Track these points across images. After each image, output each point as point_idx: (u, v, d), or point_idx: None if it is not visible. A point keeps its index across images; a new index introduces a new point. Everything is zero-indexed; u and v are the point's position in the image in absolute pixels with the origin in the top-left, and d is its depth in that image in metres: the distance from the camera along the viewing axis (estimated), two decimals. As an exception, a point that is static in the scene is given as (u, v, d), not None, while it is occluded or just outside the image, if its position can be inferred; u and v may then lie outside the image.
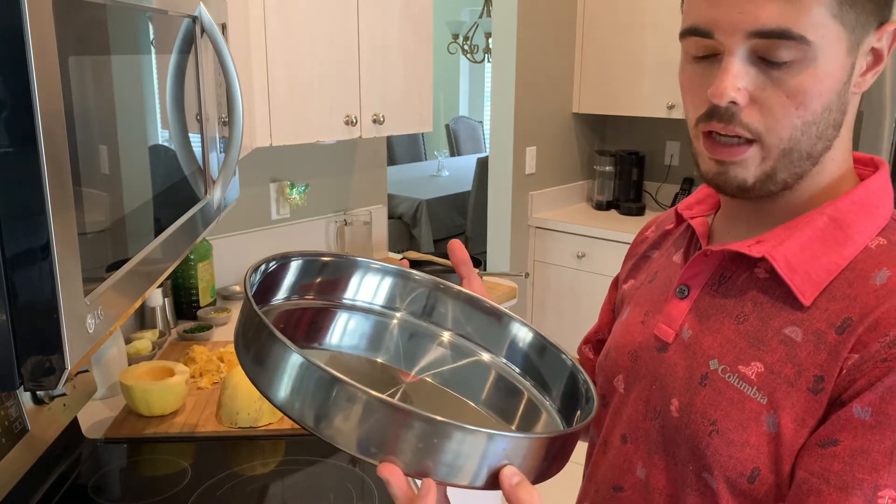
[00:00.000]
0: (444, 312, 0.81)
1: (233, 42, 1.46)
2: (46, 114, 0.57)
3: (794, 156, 0.65)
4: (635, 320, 0.81)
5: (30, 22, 0.54)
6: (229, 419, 1.38)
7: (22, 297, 0.58)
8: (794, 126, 0.64)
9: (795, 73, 0.62)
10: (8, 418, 1.07)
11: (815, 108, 0.63)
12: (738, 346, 0.68)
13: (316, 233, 2.40)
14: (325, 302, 0.78)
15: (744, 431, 0.66)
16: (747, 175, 0.66)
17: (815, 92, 0.62)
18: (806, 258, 0.66)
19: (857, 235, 0.66)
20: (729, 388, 0.68)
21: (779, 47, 0.61)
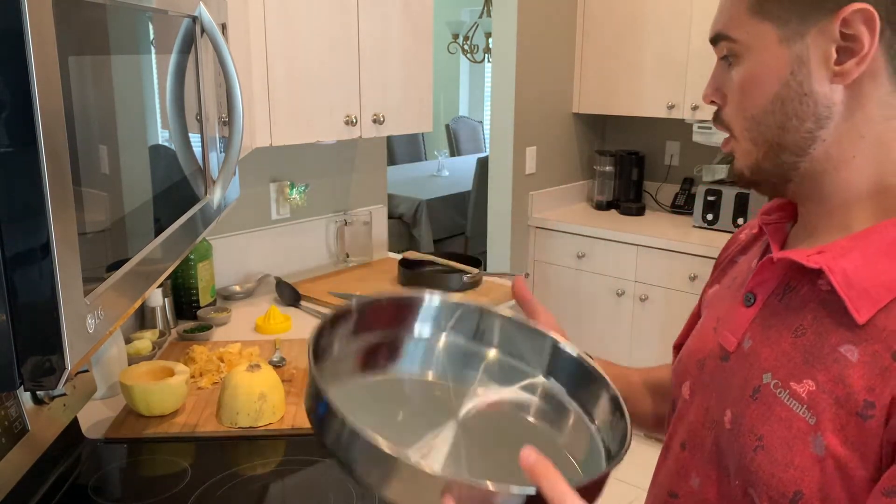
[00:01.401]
0: (491, 334, 0.85)
1: (233, 42, 1.46)
2: (46, 114, 0.57)
3: (765, 146, 0.69)
4: (708, 326, 0.79)
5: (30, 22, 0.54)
6: (229, 419, 1.38)
7: (22, 297, 0.58)
8: (746, 117, 0.69)
9: (738, 70, 0.69)
10: (8, 418, 1.07)
11: (760, 100, 0.67)
12: (792, 361, 0.66)
13: (316, 233, 2.40)
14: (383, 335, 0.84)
15: (789, 451, 0.64)
16: (742, 167, 0.72)
17: (753, 83, 0.67)
18: (868, 273, 0.62)
19: None
20: (778, 404, 0.65)
21: (723, 49, 0.70)
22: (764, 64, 0.66)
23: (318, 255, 2.42)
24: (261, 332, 1.89)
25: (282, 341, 1.80)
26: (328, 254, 2.45)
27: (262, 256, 2.25)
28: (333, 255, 2.47)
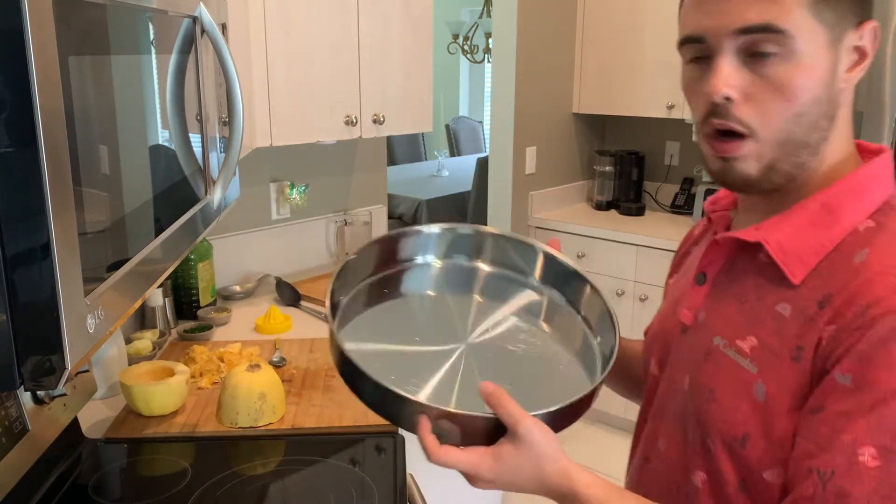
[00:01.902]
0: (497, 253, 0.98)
1: (233, 42, 1.46)
2: (46, 113, 0.57)
3: (790, 146, 0.70)
4: (668, 311, 0.89)
5: (30, 22, 0.55)
6: (229, 419, 1.38)
7: (22, 297, 0.58)
8: (786, 118, 0.69)
9: (781, 67, 0.68)
10: (8, 418, 1.07)
11: (803, 99, 0.68)
12: (737, 323, 0.75)
13: (316, 233, 2.40)
14: (397, 267, 0.96)
15: (736, 399, 0.72)
16: (750, 169, 0.71)
17: (800, 83, 0.68)
18: (798, 241, 0.71)
19: (844, 219, 0.71)
20: (727, 361, 0.74)
21: (764, 41, 0.67)
22: (814, 63, 0.68)
23: (318, 255, 2.43)
24: (261, 332, 1.89)
25: (282, 341, 1.80)
26: (328, 254, 2.45)
27: (262, 256, 2.26)
28: (333, 255, 2.47)
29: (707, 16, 0.69)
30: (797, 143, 0.70)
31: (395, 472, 1.27)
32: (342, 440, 1.36)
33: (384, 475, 1.25)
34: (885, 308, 0.63)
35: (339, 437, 1.37)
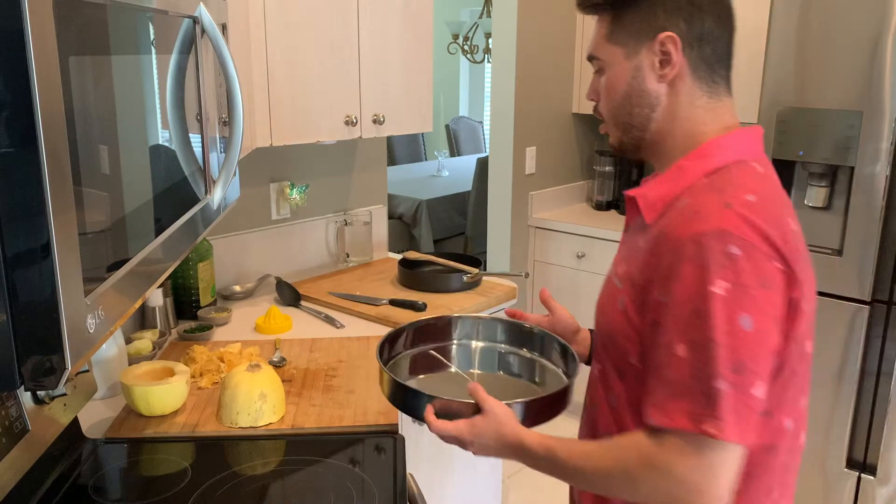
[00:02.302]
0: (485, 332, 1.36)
1: (233, 42, 1.46)
2: (47, 114, 0.57)
3: (621, 126, 1.03)
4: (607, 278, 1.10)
5: (30, 22, 0.55)
6: (229, 419, 1.38)
7: (22, 297, 0.58)
8: (610, 108, 1.03)
9: (603, 78, 1.03)
10: (8, 418, 1.07)
11: (616, 97, 1.01)
12: (621, 260, 1.02)
13: (316, 233, 2.40)
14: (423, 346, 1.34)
15: (609, 308, 1.00)
16: (613, 142, 1.06)
17: (612, 88, 1.01)
18: (654, 192, 0.97)
19: (688, 176, 0.95)
20: (610, 284, 1.02)
21: (595, 63, 1.04)
22: (618, 75, 1.00)
23: (318, 255, 2.43)
24: (261, 332, 1.89)
25: (282, 341, 1.80)
26: (328, 254, 2.45)
27: (262, 256, 2.26)
28: (333, 255, 2.47)
29: None
30: (623, 123, 1.02)
31: (395, 472, 1.27)
32: (342, 440, 1.36)
33: (384, 475, 1.25)
34: (675, 238, 0.87)
35: (339, 437, 1.37)
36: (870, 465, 2.41)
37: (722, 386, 0.82)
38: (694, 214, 0.87)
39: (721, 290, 0.82)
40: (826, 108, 2.32)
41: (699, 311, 0.83)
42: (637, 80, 0.98)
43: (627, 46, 0.98)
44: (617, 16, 0.99)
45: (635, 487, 0.88)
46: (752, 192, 0.89)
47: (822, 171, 2.43)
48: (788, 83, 2.39)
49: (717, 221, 0.84)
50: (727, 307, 0.82)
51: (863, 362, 2.36)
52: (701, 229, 0.85)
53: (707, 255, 0.83)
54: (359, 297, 2.10)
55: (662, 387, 0.85)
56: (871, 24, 2.19)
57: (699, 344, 0.83)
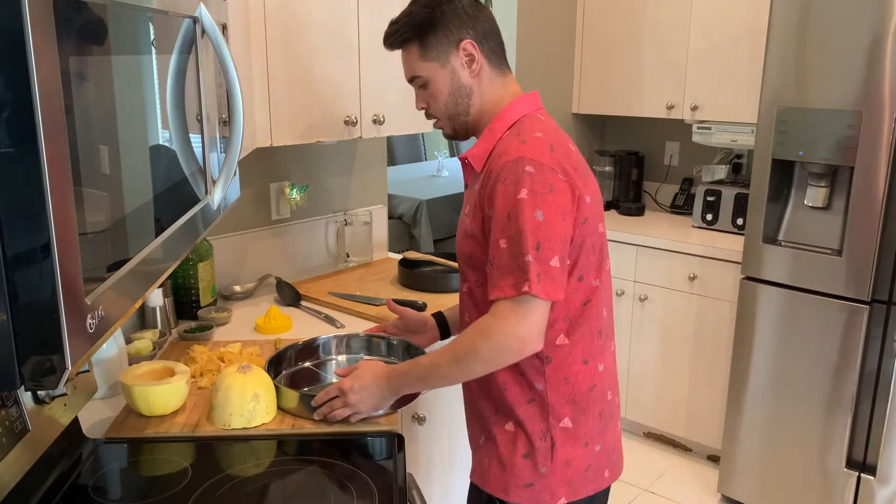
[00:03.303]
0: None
1: (233, 42, 1.46)
2: (47, 114, 0.57)
3: (451, 117, 1.37)
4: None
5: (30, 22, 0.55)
6: (222, 421, 1.37)
7: (23, 297, 0.58)
8: (439, 107, 1.36)
9: (429, 89, 1.35)
10: (9, 418, 1.08)
11: (443, 98, 1.34)
12: (466, 203, 1.35)
13: (316, 233, 2.40)
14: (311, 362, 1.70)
15: (466, 239, 1.32)
16: (447, 132, 1.40)
17: (437, 95, 1.35)
18: (477, 150, 1.32)
19: (496, 133, 1.31)
20: (462, 223, 1.34)
21: (417, 82, 1.37)
22: (440, 81, 1.33)
23: (318, 255, 2.43)
24: (261, 332, 1.89)
25: (282, 341, 1.80)
26: (328, 254, 2.45)
27: (262, 256, 2.26)
28: (333, 255, 2.47)
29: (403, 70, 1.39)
30: (452, 114, 1.36)
31: (395, 472, 1.27)
32: (342, 440, 1.36)
33: (384, 475, 1.25)
34: (493, 170, 1.24)
35: (339, 437, 1.37)
36: (869, 464, 2.41)
37: (529, 259, 1.17)
38: (503, 153, 1.24)
39: (523, 195, 1.18)
40: (826, 107, 2.32)
41: (511, 214, 1.19)
42: (455, 80, 1.33)
43: (439, 59, 1.32)
44: (422, 42, 1.32)
45: (478, 357, 1.21)
46: (539, 130, 1.27)
47: (822, 171, 2.43)
48: (788, 83, 2.39)
49: (516, 153, 1.22)
50: (528, 207, 1.18)
51: (862, 362, 2.37)
52: (507, 160, 1.22)
53: (512, 175, 1.20)
54: (359, 297, 2.10)
55: (494, 271, 1.21)
56: (871, 25, 2.19)
57: (513, 236, 1.18)
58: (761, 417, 2.62)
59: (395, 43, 1.34)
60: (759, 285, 2.56)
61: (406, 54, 1.34)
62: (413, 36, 1.31)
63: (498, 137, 1.30)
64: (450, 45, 1.30)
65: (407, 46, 1.33)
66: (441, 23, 1.30)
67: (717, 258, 2.83)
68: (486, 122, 1.34)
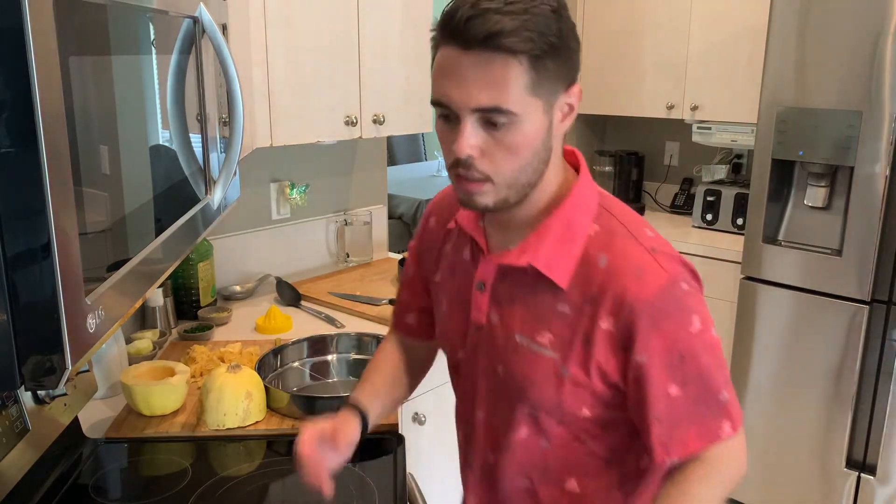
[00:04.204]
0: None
1: (233, 42, 1.46)
2: (47, 114, 0.57)
3: (517, 186, 0.90)
4: (456, 310, 1.06)
5: (30, 22, 0.55)
6: (216, 421, 1.37)
7: (23, 297, 0.58)
8: (513, 169, 0.88)
9: (509, 134, 0.86)
10: (9, 418, 1.08)
11: (527, 156, 0.88)
12: (531, 324, 0.96)
13: (316, 233, 2.40)
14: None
15: (548, 381, 0.94)
16: (487, 201, 0.91)
17: (524, 145, 0.87)
18: (556, 257, 0.93)
19: (579, 229, 0.94)
20: (533, 353, 0.96)
21: (495, 116, 0.84)
22: (534, 129, 0.87)
23: (319, 255, 2.43)
24: (261, 332, 1.89)
25: (282, 341, 1.80)
26: (328, 254, 2.45)
27: (262, 256, 2.25)
28: (333, 255, 2.47)
29: (451, 90, 0.85)
30: (522, 184, 0.90)
31: (395, 472, 1.27)
32: (342, 440, 1.36)
33: (384, 475, 1.25)
34: (640, 301, 0.88)
35: (339, 436, 1.37)
36: (869, 464, 2.41)
37: (726, 397, 0.93)
38: (638, 272, 0.89)
39: (696, 327, 0.90)
40: (826, 108, 2.32)
41: (685, 353, 0.89)
42: (548, 135, 0.89)
43: (547, 99, 0.87)
44: (540, 65, 0.84)
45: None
46: (641, 222, 0.98)
47: (822, 171, 2.43)
48: (788, 83, 2.39)
49: (659, 272, 0.89)
50: (706, 338, 0.90)
51: (862, 362, 2.36)
52: (657, 285, 0.88)
53: (674, 306, 0.89)
54: (359, 297, 2.10)
55: (664, 425, 0.91)
56: (871, 24, 2.19)
57: (693, 378, 0.90)
58: (761, 417, 2.62)
59: (498, 45, 0.82)
60: (759, 285, 2.56)
61: (501, 70, 0.82)
62: (536, 51, 0.83)
63: (585, 236, 0.93)
64: (564, 81, 0.87)
65: (512, 60, 0.82)
66: (565, 46, 0.86)
67: (717, 258, 2.83)
68: (536, 203, 0.95)
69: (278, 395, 1.43)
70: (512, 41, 0.81)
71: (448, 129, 0.89)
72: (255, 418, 1.40)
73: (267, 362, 1.59)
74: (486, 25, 0.81)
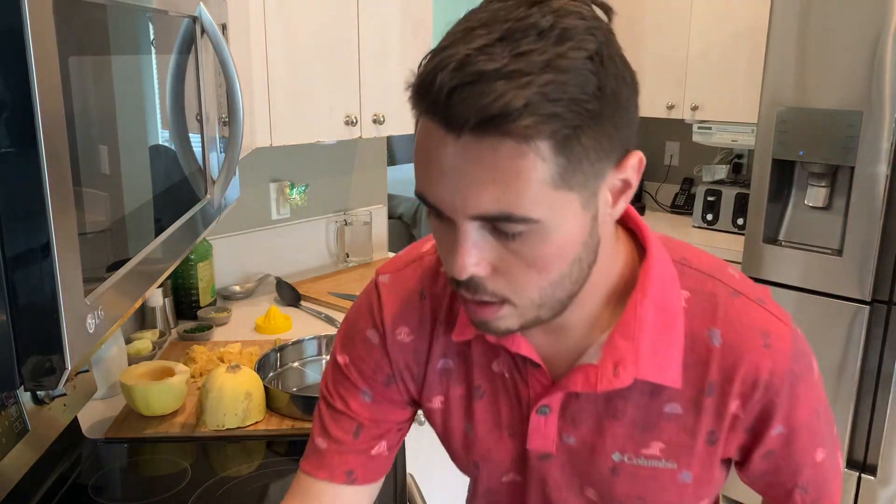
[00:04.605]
0: None
1: (233, 42, 1.46)
2: (46, 114, 0.57)
3: (552, 303, 0.65)
4: (495, 437, 0.81)
5: (30, 22, 0.55)
6: (216, 422, 1.37)
7: (22, 298, 0.58)
8: (542, 287, 0.63)
9: (531, 245, 0.60)
10: (8, 418, 1.07)
11: (560, 268, 0.62)
12: (633, 437, 0.75)
13: (316, 233, 2.40)
14: None
15: (665, 492, 0.76)
16: (510, 324, 0.66)
17: (554, 258, 0.61)
18: (662, 356, 0.70)
19: (674, 306, 0.71)
20: (641, 470, 0.76)
21: (507, 226, 0.58)
22: (570, 233, 0.60)
23: (318, 255, 2.42)
24: (261, 332, 1.89)
25: (282, 341, 1.80)
26: (328, 254, 2.45)
27: (262, 256, 2.25)
28: (333, 255, 2.47)
29: (439, 189, 0.59)
30: (558, 299, 0.65)
31: (395, 472, 1.27)
32: (342, 440, 1.36)
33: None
34: (771, 374, 0.71)
35: (339, 437, 1.37)
36: (870, 465, 2.41)
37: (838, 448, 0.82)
38: (764, 340, 0.71)
39: (817, 373, 0.76)
40: (826, 107, 2.31)
41: (819, 409, 0.76)
42: (593, 234, 0.63)
43: (587, 187, 0.59)
44: (569, 143, 0.56)
45: None
46: (719, 263, 0.77)
47: (823, 170, 2.43)
48: (789, 83, 2.39)
49: (782, 330, 0.72)
50: (819, 377, 0.77)
51: (863, 362, 2.36)
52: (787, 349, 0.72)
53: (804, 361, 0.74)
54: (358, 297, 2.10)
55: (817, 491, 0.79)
56: (872, 24, 2.19)
57: (827, 429, 0.78)
58: (761, 417, 2.61)
59: (503, 131, 0.55)
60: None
61: (510, 162, 0.56)
62: (565, 130, 0.56)
63: (680, 311, 0.71)
64: (609, 157, 0.60)
65: (527, 148, 0.55)
66: (611, 106, 0.58)
67: (717, 258, 2.83)
68: (602, 297, 0.72)
69: (278, 396, 1.43)
70: (525, 123, 0.54)
71: (443, 230, 0.63)
72: (255, 418, 1.39)
73: (267, 362, 1.58)
74: (483, 101, 0.54)
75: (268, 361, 1.60)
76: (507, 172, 0.56)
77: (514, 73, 0.54)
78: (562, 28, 0.57)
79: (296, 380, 1.65)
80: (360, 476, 0.85)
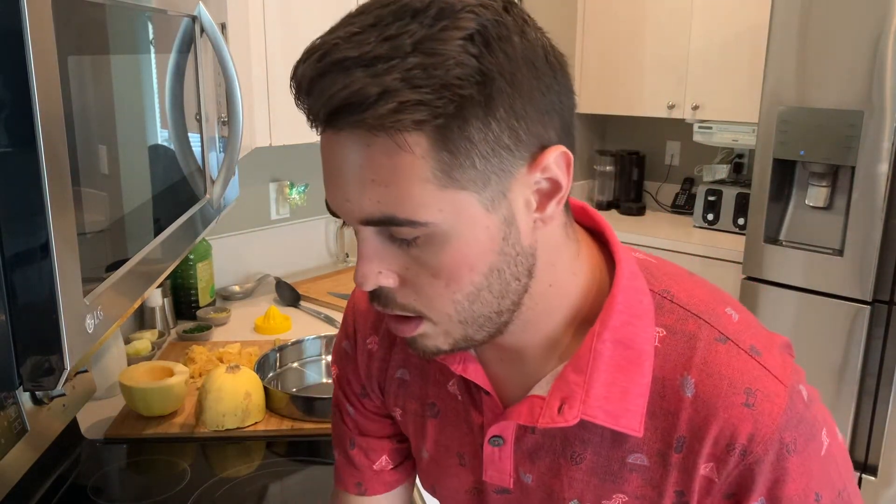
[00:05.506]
0: None
1: (233, 42, 1.46)
2: (46, 114, 0.57)
3: (476, 320, 0.59)
4: (450, 465, 0.76)
5: (30, 22, 0.54)
6: (216, 422, 1.37)
7: (21, 298, 0.58)
8: (456, 301, 0.57)
9: (431, 252, 0.55)
10: (7, 418, 1.07)
11: (472, 279, 0.56)
12: (591, 485, 0.67)
13: (315, 233, 2.40)
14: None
15: None
16: (438, 343, 0.60)
17: (460, 267, 0.55)
18: (619, 398, 0.62)
19: (642, 345, 0.62)
20: None
21: (396, 229, 0.54)
22: (474, 239, 0.55)
23: (318, 255, 2.42)
24: (260, 332, 1.88)
25: (281, 342, 1.80)
26: (328, 254, 2.45)
27: (261, 256, 2.25)
28: (333, 255, 2.46)
29: (329, 189, 0.57)
30: (484, 315, 0.58)
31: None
32: (342, 440, 1.36)
33: (384, 475, 1.25)
34: (750, 439, 0.60)
35: (339, 437, 1.37)
36: (871, 465, 2.41)
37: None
38: (747, 398, 0.60)
39: (825, 444, 0.63)
40: (827, 107, 2.31)
41: (819, 490, 0.63)
42: (510, 241, 0.57)
43: (486, 185, 0.54)
44: (450, 134, 0.51)
45: None
46: (715, 298, 0.66)
47: (823, 170, 2.43)
48: (789, 83, 2.38)
49: (775, 389, 0.61)
50: (831, 452, 0.63)
51: (864, 362, 2.36)
52: (777, 413, 0.60)
53: (802, 430, 0.61)
54: (359, 297, 2.10)
55: None
56: (872, 24, 2.19)
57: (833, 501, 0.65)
58: (762, 418, 2.61)
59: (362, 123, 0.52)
60: (760, 285, 2.56)
61: (384, 158, 0.53)
62: (438, 119, 0.51)
63: (650, 350, 0.62)
64: (513, 151, 0.54)
65: (397, 141, 0.52)
66: (506, 91, 0.52)
67: (718, 258, 2.83)
68: (561, 318, 0.64)
69: (277, 396, 1.42)
70: (382, 112, 0.49)
71: (357, 239, 0.59)
72: (255, 419, 1.39)
73: (266, 363, 1.58)
74: (334, 90, 0.51)
75: (267, 362, 1.59)
76: (383, 170, 0.52)
77: (376, 60, 0.49)
78: (438, 8, 0.51)
79: (295, 380, 1.65)
80: (368, 488, 0.84)
